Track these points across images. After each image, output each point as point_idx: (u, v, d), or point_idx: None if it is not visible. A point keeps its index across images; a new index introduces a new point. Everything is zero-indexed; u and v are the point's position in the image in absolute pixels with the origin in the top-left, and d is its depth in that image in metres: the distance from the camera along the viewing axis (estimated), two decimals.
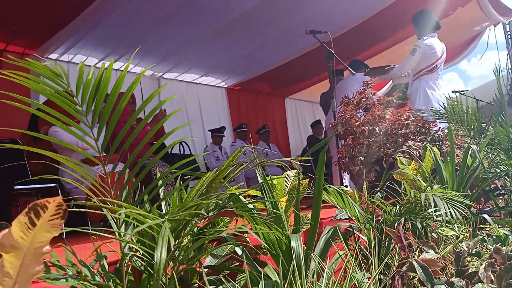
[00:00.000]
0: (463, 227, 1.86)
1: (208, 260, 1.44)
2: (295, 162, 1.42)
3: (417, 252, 1.53)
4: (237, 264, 1.46)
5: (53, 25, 4.33)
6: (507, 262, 1.32)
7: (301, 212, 1.62)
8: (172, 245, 1.08)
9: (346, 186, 3.50)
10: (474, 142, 2.89)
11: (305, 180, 1.71)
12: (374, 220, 1.81)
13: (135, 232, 1.02)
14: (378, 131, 2.94)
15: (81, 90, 1.14)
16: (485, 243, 1.76)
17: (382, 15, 5.36)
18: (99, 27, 4.48)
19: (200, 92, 6.97)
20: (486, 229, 2.02)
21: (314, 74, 6.86)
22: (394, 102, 3.16)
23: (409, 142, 2.84)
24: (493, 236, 1.84)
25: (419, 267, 1.27)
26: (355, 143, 3.01)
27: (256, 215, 1.44)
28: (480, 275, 1.29)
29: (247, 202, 1.47)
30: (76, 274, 1.10)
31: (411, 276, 1.38)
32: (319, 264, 1.41)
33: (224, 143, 6.44)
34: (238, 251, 1.45)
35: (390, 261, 1.64)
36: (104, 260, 1.20)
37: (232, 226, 1.42)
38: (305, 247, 1.49)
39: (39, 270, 0.73)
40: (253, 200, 1.56)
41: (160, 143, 1.28)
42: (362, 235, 1.79)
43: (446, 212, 1.72)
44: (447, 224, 1.86)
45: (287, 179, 1.72)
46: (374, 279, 1.30)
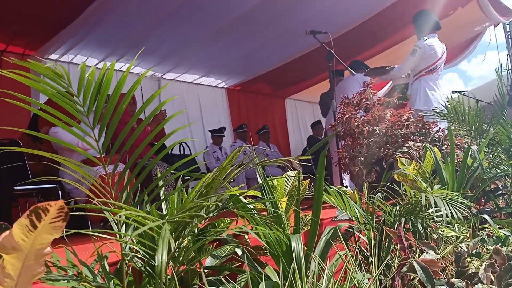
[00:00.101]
0: (463, 228, 1.86)
1: (208, 261, 1.44)
2: (295, 162, 1.42)
3: (417, 253, 1.53)
4: (237, 264, 1.46)
5: (53, 26, 4.33)
6: (506, 262, 1.32)
7: (301, 212, 1.62)
8: (173, 247, 1.08)
9: (346, 187, 3.49)
10: (475, 142, 2.89)
11: (305, 181, 1.71)
12: (375, 221, 1.81)
13: (135, 233, 1.02)
14: (378, 131, 2.94)
15: (82, 90, 1.14)
16: (485, 244, 1.76)
17: (382, 15, 5.36)
18: (99, 28, 4.48)
19: (200, 93, 6.97)
20: (486, 229, 2.02)
21: (314, 74, 6.86)
22: (394, 103, 3.16)
23: (409, 142, 2.84)
24: (493, 237, 1.84)
25: (419, 268, 1.27)
26: (355, 144, 3.01)
27: (256, 215, 1.44)
28: (480, 276, 1.29)
29: (248, 203, 1.47)
30: (77, 274, 1.10)
31: (412, 277, 1.38)
32: (320, 264, 1.42)
33: (224, 144, 6.45)
34: (239, 251, 1.46)
35: (390, 261, 1.64)
36: (104, 260, 1.20)
37: (233, 227, 1.42)
38: (305, 248, 1.49)
39: (40, 271, 0.73)
40: (253, 201, 1.56)
41: (160, 144, 1.28)
42: (362, 236, 1.79)
43: (446, 212, 1.72)
44: (447, 224, 1.86)
45: (288, 179, 1.72)
46: (375, 280, 1.30)
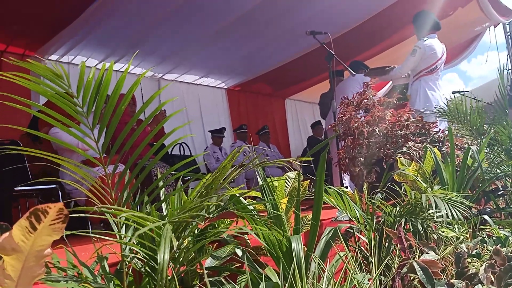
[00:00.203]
0: (464, 228, 1.86)
1: (208, 262, 1.44)
2: (295, 162, 1.42)
3: (417, 253, 1.53)
4: (237, 265, 1.46)
5: (53, 26, 4.33)
6: (506, 263, 1.32)
7: (301, 213, 1.62)
8: (175, 246, 1.08)
9: (346, 187, 3.50)
10: (476, 142, 2.88)
11: (305, 182, 1.71)
12: (375, 221, 1.81)
13: (135, 234, 1.02)
14: (378, 132, 2.94)
15: (81, 91, 1.14)
16: (485, 244, 1.76)
17: (381, 15, 5.36)
18: (100, 28, 4.48)
19: (200, 93, 6.97)
20: (487, 230, 2.02)
21: (314, 74, 6.86)
22: (394, 103, 3.16)
23: (409, 143, 2.84)
24: (493, 237, 1.84)
25: (419, 268, 1.27)
26: (355, 144, 3.00)
27: (256, 216, 1.44)
28: (480, 276, 1.29)
29: (248, 204, 1.47)
30: (77, 275, 1.10)
31: (412, 277, 1.38)
32: (320, 265, 1.42)
33: (224, 144, 6.44)
34: (239, 252, 1.46)
35: (390, 262, 1.64)
36: (104, 261, 1.20)
37: (233, 227, 1.42)
38: (305, 248, 1.49)
39: (41, 272, 0.73)
40: (253, 202, 1.56)
41: (160, 144, 1.28)
42: (362, 236, 1.79)
43: (446, 213, 1.72)
44: (447, 225, 1.86)
45: (288, 180, 1.72)
46: (375, 280, 1.30)
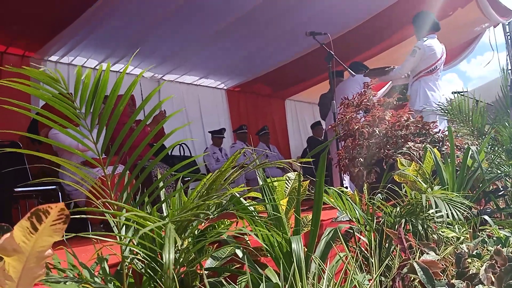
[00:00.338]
0: (464, 229, 1.86)
1: (208, 262, 1.44)
2: (295, 163, 1.42)
3: (417, 254, 1.53)
4: (237, 266, 1.46)
5: (53, 27, 4.33)
6: (507, 263, 1.32)
7: (301, 214, 1.62)
8: (179, 245, 1.08)
9: (347, 188, 3.50)
10: (477, 142, 2.88)
11: (305, 182, 1.71)
12: (375, 222, 1.81)
13: (136, 234, 1.02)
14: (378, 132, 2.94)
15: (79, 93, 1.14)
16: (485, 245, 1.76)
17: (381, 16, 5.37)
18: (99, 29, 4.49)
19: (200, 94, 6.97)
20: (487, 230, 2.02)
21: (313, 75, 6.86)
22: (394, 104, 3.16)
23: (409, 143, 2.84)
24: (493, 238, 1.84)
25: (420, 269, 1.27)
26: (355, 145, 3.01)
27: (256, 217, 1.44)
28: (480, 277, 1.29)
29: (248, 204, 1.47)
30: (77, 276, 1.10)
31: (412, 278, 1.38)
32: (320, 266, 1.41)
33: (224, 145, 6.45)
34: (239, 253, 1.45)
35: (390, 262, 1.64)
36: (105, 262, 1.20)
37: (233, 228, 1.42)
38: (305, 249, 1.49)
39: (41, 273, 0.74)
40: (253, 202, 1.56)
41: (159, 145, 1.28)
42: (362, 237, 1.79)
43: (446, 213, 1.72)
44: (447, 225, 1.86)
45: (288, 181, 1.72)
46: (375, 281, 1.30)
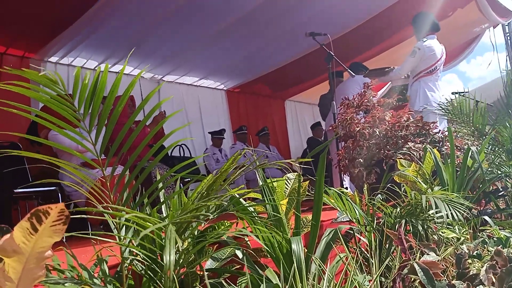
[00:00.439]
0: (464, 229, 1.86)
1: (208, 263, 1.44)
2: (295, 164, 1.42)
3: (418, 255, 1.53)
4: (237, 267, 1.46)
5: (53, 28, 4.33)
6: (508, 264, 1.32)
7: (301, 214, 1.61)
8: (180, 246, 1.08)
9: (347, 188, 3.50)
10: (477, 143, 2.88)
11: (305, 183, 1.71)
12: (375, 222, 1.81)
13: (136, 236, 1.02)
14: (378, 133, 2.94)
15: (77, 95, 1.14)
16: (486, 245, 1.76)
17: (381, 17, 5.37)
18: (99, 30, 4.49)
19: (200, 95, 6.98)
20: (487, 231, 2.02)
21: (313, 76, 6.86)
22: (394, 104, 3.16)
23: (409, 143, 2.84)
24: (494, 238, 1.84)
25: (420, 270, 1.27)
26: (355, 146, 3.00)
27: (256, 217, 1.43)
28: (481, 277, 1.29)
29: (248, 205, 1.47)
30: (77, 278, 1.09)
31: (412, 279, 1.38)
32: (320, 266, 1.41)
33: (224, 145, 6.45)
34: (239, 254, 1.45)
35: (391, 263, 1.64)
36: (104, 264, 1.19)
37: (233, 229, 1.42)
38: (305, 250, 1.49)
39: (41, 274, 0.73)
40: (253, 203, 1.56)
41: (159, 145, 1.28)
42: (363, 237, 1.79)
43: (447, 214, 1.71)
44: (448, 226, 1.86)
45: (288, 181, 1.72)
46: (375, 282, 1.30)
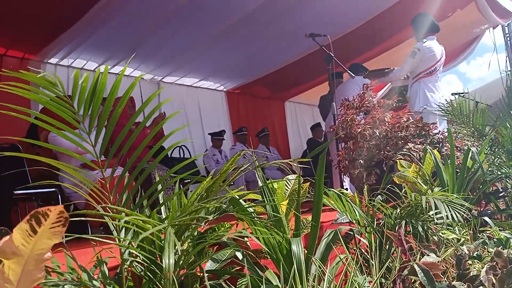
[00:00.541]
0: (464, 230, 1.85)
1: (208, 265, 1.44)
2: (294, 164, 1.42)
3: (418, 256, 1.52)
4: (237, 268, 1.45)
5: (52, 29, 4.34)
6: (508, 265, 1.32)
7: (301, 215, 1.61)
8: (179, 249, 1.08)
9: (347, 189, 3.49)
10: (477, 143, 2.87)
11: (305, 184, 1.71)
12: (375, 223, 1.81)
13: (135, 237, 1.02)
14: (378, 134, 2.94)
15: (77, 96, 1.14)
16: (486, 246, 1.75)
17: (381, 17, 5.37)
18: (99, 32, 4.49)
19: (199, 96, 6.98)
20: (487, 231, 2.01)
21: (313, 77, 6.86)
22: (394, 105, 3.16)
23: (409, 144, 2.84)
24: (494, 239, 1.83)
25: (420, 271, 1.27)
26: (356, 147, 3.00)
27: (256, 219, 1.43)
28: (481, 279, 1.28)
29: (248, 206, 1.46)
30: (76, 280, 1.09)
31: (413, 280, 1.38)
32: (320, 268, 1.41)
33: (224, 147, 6.44)
34: (239, 255, 1.45)
35: (391, 264, 1.64)
36: (104, 265, 1.19)
37: (233, 230, 1.42)
38: (305, 251, 1.49)
39: (40, 276, 0.73)
40: (253, 204, 1.56)
41: (158, 146, 1.28)
42: (363, 239, 1.78)
43: (447, 215, 1.71)
44: (448, 227, 1.85)
45: (288, 183, 1.71)
46: (375, 283, 1.30)
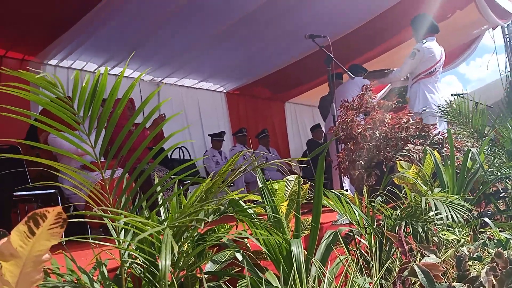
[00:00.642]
0: (464, 231, 1.85)
1: (208, 266, 1.43)
2: (293, 164, 1.42)
3: (418, 257, 1.52)
4: (237, 269, 1.45)
5: (52, 31, 4.34)
6: (508, 266, 1.32)
7: (301, 216, 1.61)
8: (176, 251, 1.07)
9: (347, 190, 3.49)
10: (477, 144, 2.87)
11: (305, 185, 1.71)
12: (375, 224, 1.81)
13: (134, 239, 1.02)
14: (378, 135, 2.94)
15: (77, 97, 1.14)
16: (486, 247, 1.75)
17: (381, 18, 5.38)
18: (99, 33, 4.49)
19: (199, 97, 6.98)
20: (487, 232, 2.01)
21: (313, 78, 6.87)
22: (393, 106, 3.16)
23: (409, 145, 2.84)
24: (494, 240, 1.83)
25: (420, 272, 1.27)
26: (356, 148, 3.00)
27: (256, 220, 1.43)
28: (481, 280, 1.28)
29: (247, 207, 1.46)
30: (76, 281, 1.09)
31: (413, 281, 1.37)
32: (320, 269, 1.41)
33: (224, 148, 6.44)
34: (239, 256, 1.45)
35: (391, 265, 1.63)
36: (103, 267, 1.19)
37: (233, 231, 1.41)
38: (305, 252, 1.48)
39: (39, 278, 0.73)
40: (253, 205, 1.55)
41: (158, 147, 1.28)
42: (363, 240, 1.78)
43: (447, 215, 1.71)
44: (448, 228, 1.85)
45: (288, 184, 1.71)
46: (376, 284, 1.30)
